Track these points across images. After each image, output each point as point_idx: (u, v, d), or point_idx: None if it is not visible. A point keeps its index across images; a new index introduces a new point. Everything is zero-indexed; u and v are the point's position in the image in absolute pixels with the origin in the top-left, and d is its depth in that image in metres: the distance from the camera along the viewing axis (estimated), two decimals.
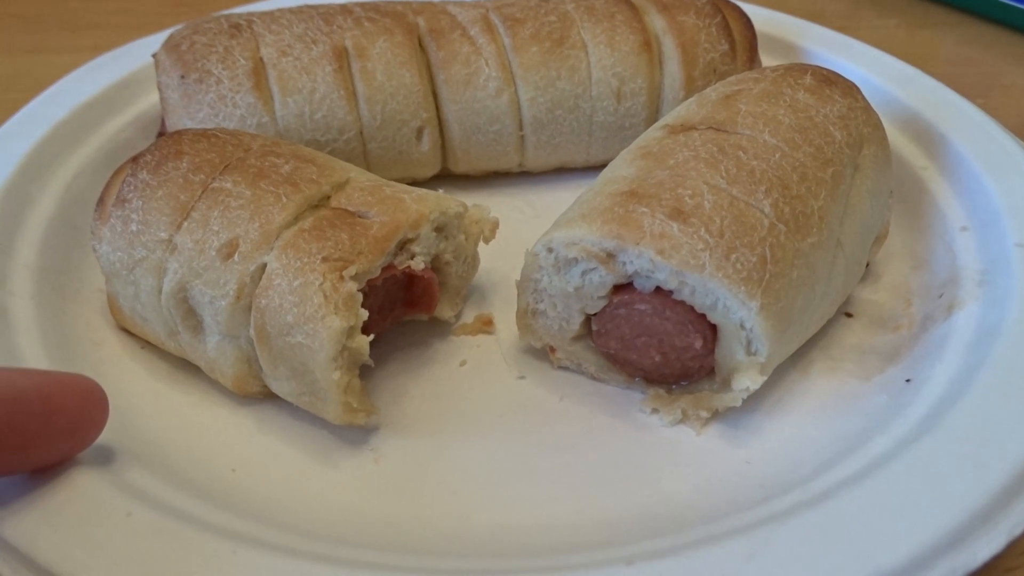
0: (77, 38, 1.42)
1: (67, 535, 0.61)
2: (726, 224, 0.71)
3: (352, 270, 0.70)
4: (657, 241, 0.70)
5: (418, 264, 0.77)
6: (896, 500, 0.62)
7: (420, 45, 1.00)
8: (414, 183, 1.03)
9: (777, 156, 0.77)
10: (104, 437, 0.71)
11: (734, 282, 0.69)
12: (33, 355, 0.78)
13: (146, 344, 0.83)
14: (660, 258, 0.70)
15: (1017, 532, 0.61)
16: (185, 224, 0.74)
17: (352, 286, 0.70)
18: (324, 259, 0.70)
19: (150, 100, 1.07)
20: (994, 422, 0.67)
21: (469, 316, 0.88)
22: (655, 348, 0.76)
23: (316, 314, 0.68)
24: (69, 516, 0.62)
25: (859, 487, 0.64)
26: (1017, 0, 1.41)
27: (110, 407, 0.69)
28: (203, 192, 0.75)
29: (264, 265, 0.72)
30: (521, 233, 0.88)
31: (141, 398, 0.79)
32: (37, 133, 0.98)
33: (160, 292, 0.75)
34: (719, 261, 0.69)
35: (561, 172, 1.08)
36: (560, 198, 0.98)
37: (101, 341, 0.84)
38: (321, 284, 0.69)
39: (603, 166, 0.87)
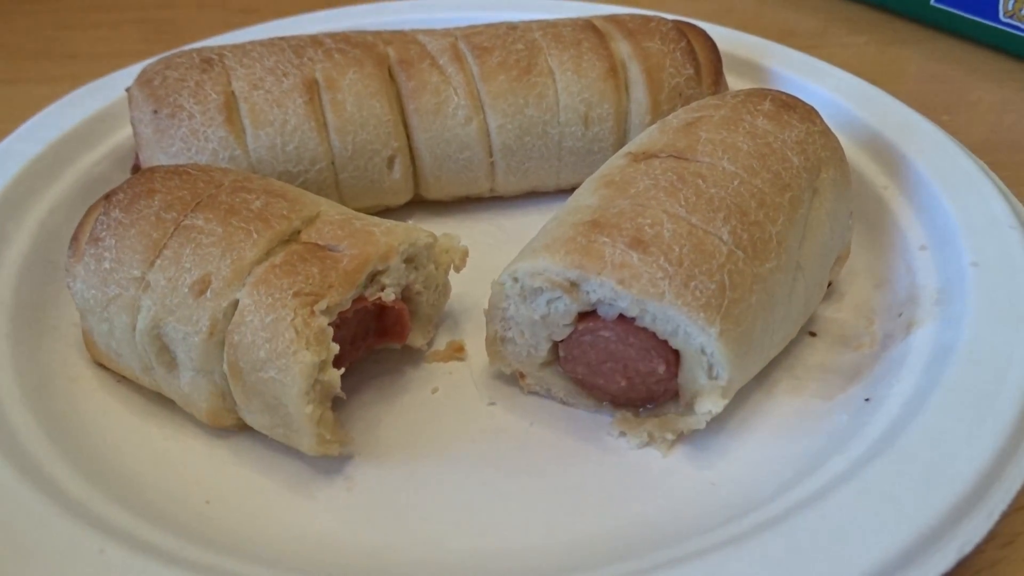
0: (56, 68, 1.43)
1: (39, 572, 0.62)
2: (685, 252, 0.73)
3: (323, 304, 0.72)
4: (617, 271, 0.72)
5: (388, 296, 0.79)
6: (851, 521, 0.64)
7: (390, 75, 1.02)
8: (387, 211, 1.05)
9: (736, 183, 0.79)
10: (79, 473, 0.72)
11: (693, 309, 0.71)
12: (8, 394, 0.79)
13: (121, 378, 0.84)
14: (621, 288, 0.72)
15: (967, 550, 0.62)
16: (158, 262, 0.76)
17: (323, 321, 0.71)
18: (295, 294, 0.72)
19: (124, 133, 1.09)
20: (945, 442, 0.69)
21: (441, 342, 0.90)
22: (620, 373, 0.78)
23: (288, 350, 0.70)
24: (41, 554, 0.64)
25: (815, 508, 0.65)
26: (985, 16, 1.43)
27: (86, 442, 0.71)
28: (175, 230, 0.77)
29: (236, 301, 0.73)
30: (493, 258, 0.89)
31: (117, 432, 0.80)
32: (11, 170, 1.00)
33: (134, 329, 0.77)
34: (678, 289, 0.71)
35: (532, 196, 1.10)
36: (531, 222, 0.99)
37: (77, 376, 0.85)
38: (292, 320, 0.71)
39: (573, 189, 0.89)
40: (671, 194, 0.77)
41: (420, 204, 1.08)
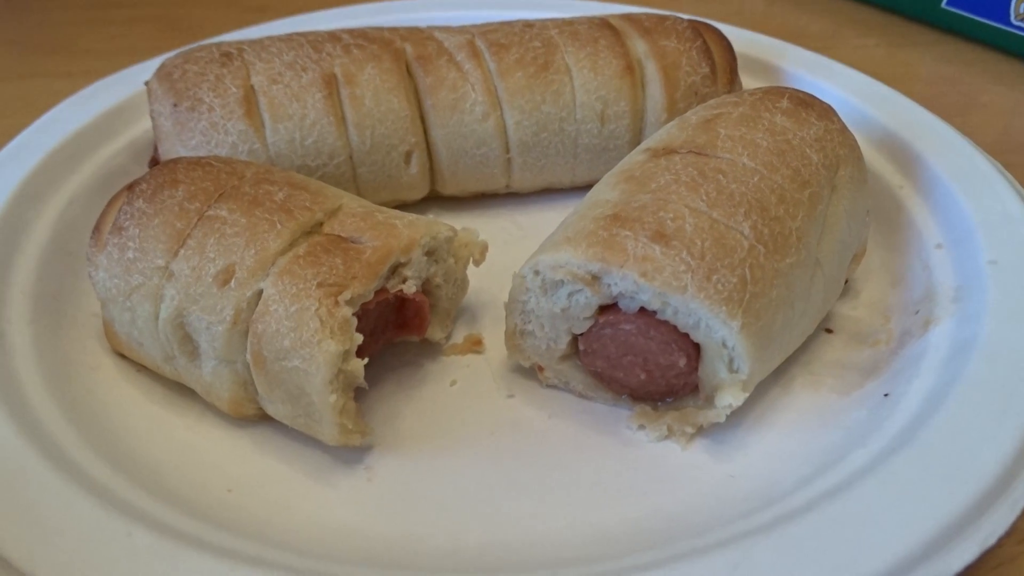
0: (71, 63, 1.44)
1: (69, 554, 0.63)
2: (707, 246, 0.73)
3: (347, 295, 0.72)
4: (640, 264, 0.73)
5: (410, 288, 0.79)
6: (874, 513, 0.64)
7: (408, 71, 1.02)
8: (403, 206, 1.05)
9: (756, 179, 0.79)
10: (103, 460, 0.73)
11: (715, 303, 0.71)
12: (31, 381, 0.79)
13: (141, 368, 0.85)
14: (643, 280, 0.72)
15: (990, 542, 0.63)
16: (181, 251, 0.76)
17: (347, 311, 0.72)
18: (319, 284, 0.72)
19: (143, 127, 1.09)
20: (967, 436, 0.69)
21: (459, 336, 0.90)
22: (640, 367, 0.78)
23: (312, 339, 0.70)
24: (71, 537, 0.64)
25: (838, 500, 0.66)
26: (996, 19, 1.44)
27: (107, 429, 0.71)
28: (199, 220, 0.77)
29: (260, 291, 0.74)
30: (509, 254, 0.90)
31: (138, 421, 0.80)
32: (31, 161, 1.00)
33: (157, 318, 0.77)
34: (700, 282, 0.72)
35: (547, 192, 1.10)
36: (547, 218, 1.00)
37: (97, 365, 0.85)
38: (317, 309, 0.71)
39: (588, 186, 0.90)
40: (692, 189, 0.78)
41: (436, 200, 1.08)
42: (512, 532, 0.72)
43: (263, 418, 0.80)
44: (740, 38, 1.20)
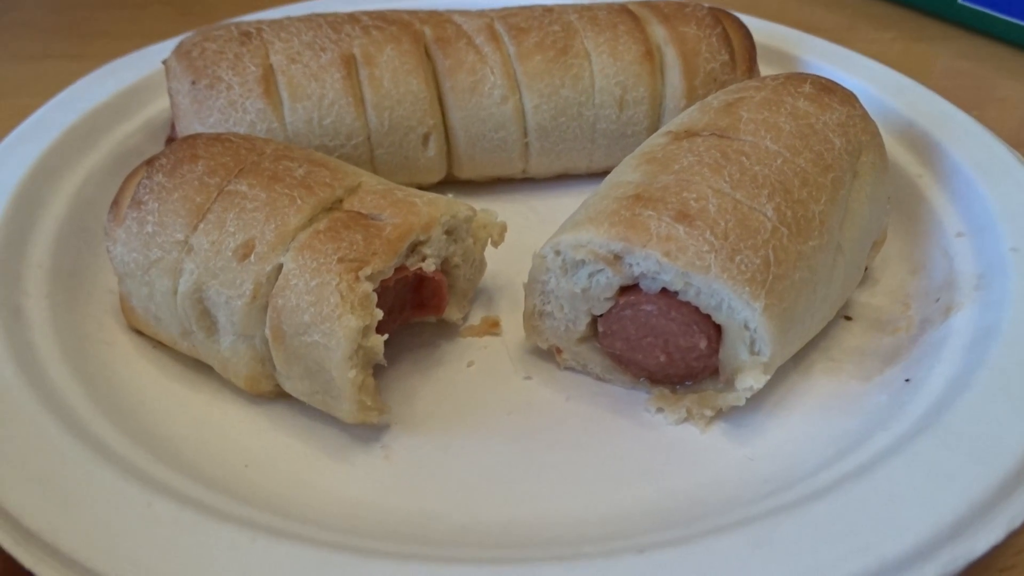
0: (85, 45, 1.44)
1: (90, 524, 0.63)
2: (730, 227, 0.73)
3: (367, 270, 0.72)
4: (663, 243, 0.72)
5: (429, 266, 0.78)
6: (898, 493, 0.64)
7: (426, 53, 1.02)
8: (419, 188, 1.05)
9: (779, 162, 0.79)
10: (121, 433, 0.72)
11: (739, 283, 0.71)
12: (48, 353, 0.79)
13: (158, 344, 0.84)
14: (666, 260, 0.72)
15: (1016, 524, 0.62)
16: (201, 226, 0.76)
17: (368, 286, 0.71)
18: (340, 260, 0.72)
19: (159, 106, 1.09)
20: (992, 419, 0.69)
21: (476, 318, 0.90)
22: (660, 348, 0.77)
23: (333, 313, 0.70)
24: (91, 505, 0.64)
25: (862, 481, 0.65)
26: (1012, 14, 1.43)
27: (125, 403, 0.71)
28: (218, 194, 0.77)
29: (280, 266, 0.73)
30: (525, 238, 0.89)
31: (155, 397, 0.80)
32: (48, 138, 1.00)
33: (175, 293, 0.77)
34: (724, 263, 0.71)
35: (564, 179, 1.10)
36: (563, 204, 0.99)
37: (113, 341, 0.85)
38: (337, 284, 0.71)
39: (605, 173, 0.89)
40: (715, 170, 0.77)
41: (452, 184, 1.08)
42: (529, 511, 0.72)
43: (280, 395, 0.79)
44: (758, 27, 1.20)
